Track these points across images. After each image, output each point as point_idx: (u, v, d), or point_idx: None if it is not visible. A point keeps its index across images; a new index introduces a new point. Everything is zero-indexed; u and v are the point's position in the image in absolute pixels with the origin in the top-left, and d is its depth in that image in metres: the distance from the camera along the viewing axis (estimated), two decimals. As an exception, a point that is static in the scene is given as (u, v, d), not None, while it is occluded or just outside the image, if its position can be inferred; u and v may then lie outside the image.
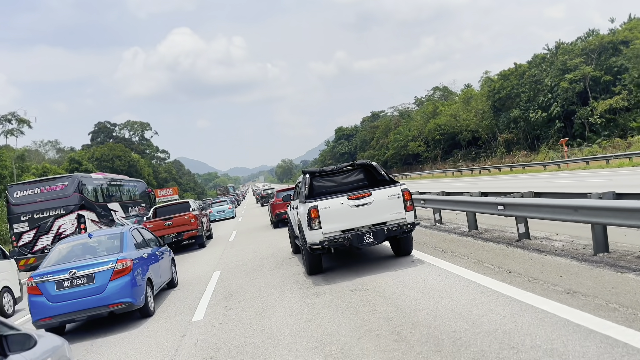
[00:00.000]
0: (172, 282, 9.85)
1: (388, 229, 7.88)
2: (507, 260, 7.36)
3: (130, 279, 7.21)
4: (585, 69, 46.37)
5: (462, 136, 65.28)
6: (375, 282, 7.30)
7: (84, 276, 7.04)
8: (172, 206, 18.50)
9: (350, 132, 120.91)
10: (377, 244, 8.12)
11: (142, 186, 26.02)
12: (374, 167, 9.24)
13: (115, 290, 7.05)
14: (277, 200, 19.32)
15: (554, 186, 17.13)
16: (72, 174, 18.16)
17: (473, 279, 6.53)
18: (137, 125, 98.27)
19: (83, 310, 7.01)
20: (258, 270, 10.35)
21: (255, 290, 8.34)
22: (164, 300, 8.94)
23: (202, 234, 17.49)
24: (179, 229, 16.56)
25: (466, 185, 24.92)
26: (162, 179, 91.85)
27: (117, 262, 7.20)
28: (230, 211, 35.16)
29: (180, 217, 16.66)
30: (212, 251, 16.04)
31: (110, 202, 19.64)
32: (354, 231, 7.85)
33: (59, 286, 7.01)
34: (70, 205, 16.15)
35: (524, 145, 55.31)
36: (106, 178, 20.69)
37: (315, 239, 7.80)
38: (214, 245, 18.07)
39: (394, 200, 7.94)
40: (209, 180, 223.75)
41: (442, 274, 7.15)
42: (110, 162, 73.56)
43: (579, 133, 49.28)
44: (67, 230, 15.91)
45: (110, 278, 7.07)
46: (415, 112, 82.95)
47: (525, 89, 53.89)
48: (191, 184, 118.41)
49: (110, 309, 7.07)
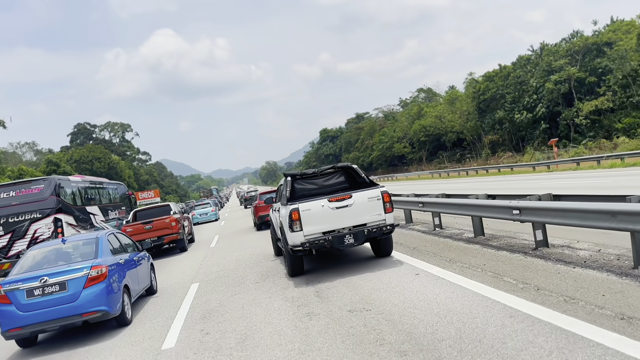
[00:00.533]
0: (151, 289, 9.41)
1: (368, 230, 7.96)
2: (530, 273, 6.34)
3: (105, 286, 6.85)
4: (570, 70, 46.14)
5: (447, 137, 64.80)
6: (378, 301, 6.21)
7: (56, 284, 6.67)
8: (152, 209, 18.06)
9: (334, 134, 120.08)
10: (358, 245, 8.12)
11: (122, 189, 25.30)
12: (354, 169, 9.31)
13: (90, 298, 6.69)
14: (260, 203, 19.28)
15: (554, 187, 16.26)
16: (49, 177, 17.41)
17: (495, 298, 5.49)
18: (117, 127, 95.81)
19: (55, 320, 6.63)
20: (241, 283, 9.18)
21: (238, 309, 7.17)
22: (142, 308, 8.43)
23: (183, 237, 16.98)
24: (160, 233, 16.10)
25: (459, 187, 24.00)
26: (144, 181, 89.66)
27: (91, 268, 6.84)
28: (213, 214, 34.54)
29: (160, 221, 16.22)
30: (192, 258, 14.91)
31: (89, 205, 18.88)
32: (334, 233, 7.90)
33: (29, 294, 6.62)
34: (46, 208, 15.48)
35: (509, 147, 54.97)
36: (85, 180, 20.00)
37: (297, 240, 7.86)
38: (195, 250, 17.02)
39: (373, 202, 8.02)
40: (192, 182, 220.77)
41: (456, 290, 6.09)
42: (90, 164, 71.34)
43: (564, 134, 49.04)
44: (43, 235, 15.23)
45: (84, 285, 6.71)
46: (399, 114, 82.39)
47: (510, 90, 53.56)
48: (174, 186, 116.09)
49: (84, 318, 6.71)
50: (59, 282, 6.67)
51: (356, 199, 7.97)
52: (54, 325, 6.71)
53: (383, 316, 5.58)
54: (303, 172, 9.47)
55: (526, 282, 5.93)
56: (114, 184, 24.69)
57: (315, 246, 7.84)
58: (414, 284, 6.72)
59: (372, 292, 6.72)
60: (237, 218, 33.27)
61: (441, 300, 5.75)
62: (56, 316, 6.60)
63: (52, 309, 6.59)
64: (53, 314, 6.59)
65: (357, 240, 7.94)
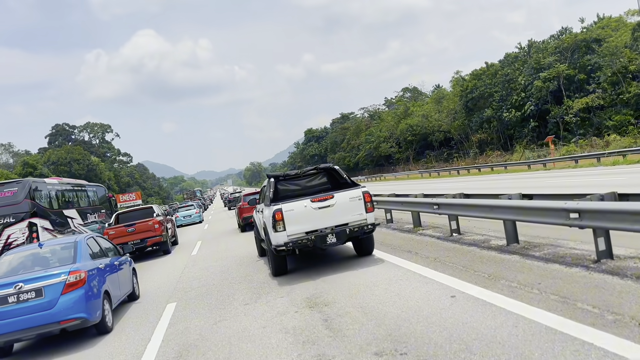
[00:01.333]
0: (133, 294, 8.98)
1: (350, 229, 8.05)
2: (610, 296, 4.77)
3: (84, 292, 6.53)
4: (559, 67, 45.31)
5: (434, 137, 63.73)
6: (414, 337, 4.58)
7: (31, 290, 6.33)
8: (135, 212, 17.90)
9: (319, 134, 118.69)
10: (340, 244, 8.23)
11: (101, 191, 24.15)
12: (336, 170, 9.41)
13: (68, 305, 6.35)
14: (244, 204, 19.07)
15: (570, 185, 14.89)
16: (23, 179, 16.39)
17: (585, 338, 3.88)
18: (97, 127, 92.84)
19: (31, 329, 6.26)
20: (227, 304, 7.46)
21: (224, 345, 5.51)
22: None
23: (167, 240, 16.58)
24: (143, 235, 15.75)
25: (458, 186, 22.48)
26: (125, 183, 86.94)
27: (69, 273, 6.53)
28: (197, 215, 34.13)
29: (143, 223, 15.90)
30: (170, 267, 13.23)
31: (67, 208, 17.98)
32: (317, 232, 7.97)
33: (3, 302, 6.25)
34: (20, 212, 14.76)
35: (497, 145, 54.05)
36: (62, 183, 18.93)
37: (280, 240, 7.92)
38: (174, 257, 15.36)
39: (355, 202, 8.12)
40: (175, 184, 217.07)
41: (519, 322, 4.47)
42: (68, 166, 68.59)
43: (553, 132, 48.20)
44: (17, 240, 14.50)
45: (62, 292, 6.39)
46: (385, 113, 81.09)
47: (498, 88, 52.61)
48: (156, 188, 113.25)
49: (62, 325, 6.37)
50: (34, 288, 6.32)
51: (338, 199, 8.06)
52: (30, 334, 6.34)
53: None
54: (286, 173, 9.60)
55: (613, 311, 4.35)
56: (93, 186, 23.52)
57: (298, 246, 7.90)
58: (453, 310, 5.11)
59: (399, 321, 5.09)
60: (221, 220, 32.33)
61: (505, 342, 4.13)
62: (32, 324, 6.23)
63: (27, 316, 6.21)
64: (29, 322, 6.21)
65: (340, 240, 8.03)
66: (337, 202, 8.02)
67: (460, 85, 59.03)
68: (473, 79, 55.98)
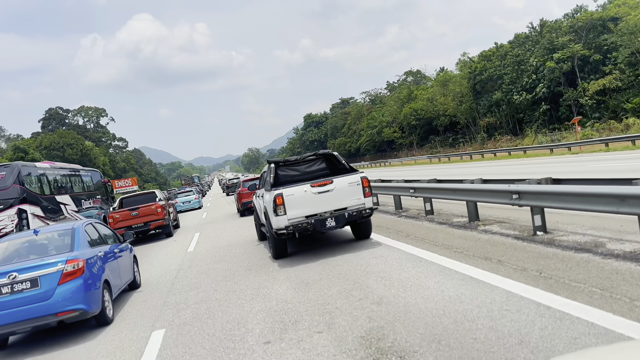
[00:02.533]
0: (135, 283, 8.73)
1: (348, 213, 8.33)
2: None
3: (82, 282, 6.21)
4: (574, 47, 43.28)
5: (440, 121, 61.77)
6: None
7: (26, 280, 6.02)
8: (138, 196, 18.67)
9: (319, 119, 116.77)
10: (339, 228, 8.46)
11: (97, 176, 23.07)
12: (335, 156, 9.74)
13: (65, 296, 6.02)
14: (244, 190, 19.70)
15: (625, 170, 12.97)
16: (11, 163, 15.59)
17: None
18: (91, 112, 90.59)
19: (27, 321, 5.95)
20: (238, 345, 4.89)
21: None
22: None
23: (169, 223, 17.52)
24: (146, 219, 16.61)
25: (489, 171, 20.36)
26: (120, 169, 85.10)
27: (66, 262, 6.20)
28: (196, 202, 33.68)
29: (147, 207, 16.75)
30: (161, 270, 10.36)
31: (60, 194, 17.11)
32: (317, 216, 8.25)
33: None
34: (9, 198, 14.04)
35: (506, 130, 52.22)
36: (54, 167, 18.12)
37: (281, 224, 8.17)
38: (167, 256, 12.62)
39: (353, 187, 8.39)
40: (172, 170, 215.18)
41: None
42: (61, 151, 66.68)
43: (566, 116, 46.33)
44: (5, 228, 13.75)
45: (59, 282, 6.06)
46: (388, 97, 78.97)
47: (508, 70, 50.57)
48: (153, 174, 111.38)
49: (60, 317, 6.04)
50: (30, 278, 6.05)
51: (337, 184, 8.35)
52: (25, 326, 6.05)
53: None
54: (286, 159, 9.93)
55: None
56: (88, 170, 22.45)
57: (298, 229, 8.17)
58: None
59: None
60: (219, 205, 32.56)
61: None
62: (27, 316, 5.95)
63: (22, 308, 5.94)
64: (24, 314, 5.94)
65: (339, 223, 8.30)
66: (336, 187, 8.31)
67: (468, 67, 56.85)
68: (482, 60, 53.79)
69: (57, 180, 17.44)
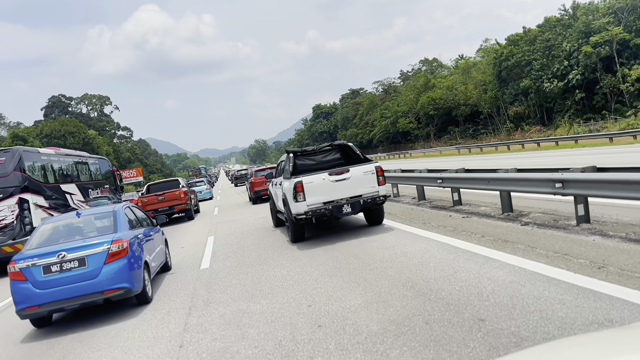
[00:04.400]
0: (166, 266, 9.00)
1: (364, 200, 9.02)
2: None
3: (127, 262, 6.49)
4: (613, 30, 39.72)
5: (460, 111, 58.37)
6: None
7: (75, 259, 6.29)
8: (163, 183, 20.47)
9: (329, 110, 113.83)
10: (354, 214, 9.18)
11: (105, 165, 21.97)
12: (350, 147, 10.57)
13: (111, 275, 6.32)
14: (256, 179, 20.47)
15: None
16: (12, 148, 14.61)
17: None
18: (95, 100, 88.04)
19: (75, 298, 6.24)
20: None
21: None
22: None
23: (190, 207, 19.49)
24: (171, 203, 18.56)
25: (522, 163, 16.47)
26: (125, 159, 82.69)
27: (112, 243, 6.48)
28: (207, 192, 33.12)
29: (171, 193, 18.78)
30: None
31: (65, 183, 16.20)
32: (334, 203, 8.91)
33: (46, 271, 6.24)
34: (9, 187, 13.20)
35: (535, 120, 48.81)
36: (59, 154, 17.13)
37: (301, 210, 8.78)
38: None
39: (368, 176, 9.04)
40: (178, 161, 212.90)
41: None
42: (62, 139, 64.39)
43: (601, 104, 42.84)
44: (5, 219, 12.95)
45: (105, 261, 6.35)
46: (403, 87, 75.56)
47: (538, 55, 47.08)
48: (158, 165, 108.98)
49: (106, 295, 6.34)
50: (78, 257, 6.28)
51: (353, 173, 8.99)
52: (74, 303, 6.29)
53: None
54: (303, 149, 10.63)
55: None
56: (95, 158, 21.44)
57: (317, 215, 8.83)
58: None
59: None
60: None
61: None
62: (76, 294, 6.21)
63: (71, 286, 6.20)
64: (72, 291, 6.20)
65: (354, 210, 9.00)
66: (353, 176, 8.92)
67: (494, 52, 53.27)
68: (510, 45, 50.24)
69: (62, 168, 16.58)
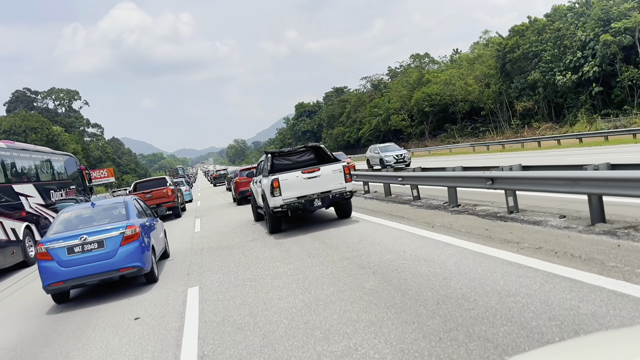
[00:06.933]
0: (166, 253, 10.35)
1: (333, 195, 10.38)
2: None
3: (139, 245, 7.64)
4: (636, 16, 35.77)
5: (458, 107, 54.24)
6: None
7: (94, 242, 7.39)
8: (151, 182, 21.26)
9: (312, 109, 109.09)
10: (325, 207, 10.62)
11: (72, 163, 19.48)
12: (322, 148, 12.03)
13: (126, 255, 7.44)
14: (241, 179, 20.83)
15: None
16: None
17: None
18: (62, 94, 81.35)
19: (95, 275, 7.39)
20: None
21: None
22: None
23: (177, 205, 20.60)
24: (159, 201, 19.04)
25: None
26: (96, 158, 76.71)
27: (126, 228, 7.59)
28: (187, 194, 30.92)
29: (159, 191, 19.61)
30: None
31: (20, 182, 14.25)
32: (306, 197, 10.23)
33: (70, 251, 7.32)
34: None
35: (544, 116, 44.82)
36: (12, 148, 15.04)
37: (277, 203, 10.15)
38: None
39: (337, 174, 10.38)
40: (154, 161, 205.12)
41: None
42: (23, 136, 58.23)
43: (621, 99, 38.80)
44: None
45: (120, 243, 7.45)
46: (395, 82, 71.11)
47: (548, 46, 43.03)
48: (132, 164, 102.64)
49: (121, 273, 7.49)
50: (97, 240, 7.34)
51: (323, 171, 10.28)
52: (94, 279, 7.39)
53: None
54: (280, 150, 12.16)
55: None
56: (60, 155, 19.09)
57: (291, 208, 10.15)
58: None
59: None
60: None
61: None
62: (96, 271, 7.30)
63: (91, 264, 7.28)
64: (93, 269, 7.28)
65: (324, 203, 10.35)
66: (323, 174, 10.22)
67: (498, 44, 49.22)
68: (515, 36, 46.22)
69: (15, 164, 14.51)
